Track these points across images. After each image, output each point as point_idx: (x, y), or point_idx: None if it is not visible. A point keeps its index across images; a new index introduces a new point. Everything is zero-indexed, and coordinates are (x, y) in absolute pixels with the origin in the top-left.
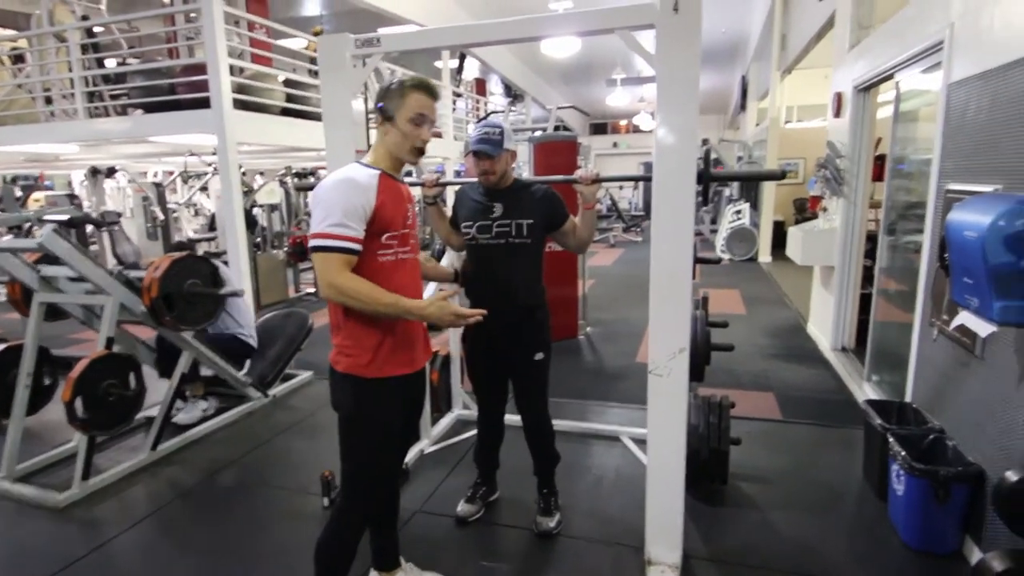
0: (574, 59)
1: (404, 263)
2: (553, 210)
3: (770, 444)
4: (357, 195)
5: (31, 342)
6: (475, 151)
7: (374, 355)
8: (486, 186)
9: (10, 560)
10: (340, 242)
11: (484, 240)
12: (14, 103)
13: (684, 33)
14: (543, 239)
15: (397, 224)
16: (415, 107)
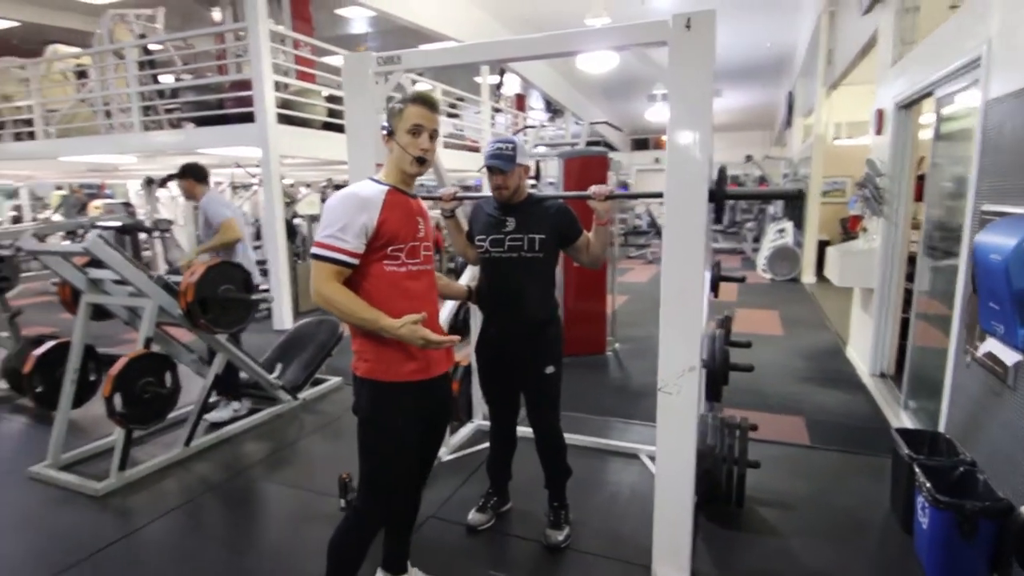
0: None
1: (416, 274)
2: (566, 225)
3: (794, 469)
4: (359, 210)
5: (78, 340)
6: (488, 166)
7: (390, 360)
8: (499, 200)
9: (50, 540)
10: (333, 253)
11: (497, 254)
12: (77, 116)
13: (696, 50)
14: (556, 253)
15: (404, 237)
16: (412, 118)
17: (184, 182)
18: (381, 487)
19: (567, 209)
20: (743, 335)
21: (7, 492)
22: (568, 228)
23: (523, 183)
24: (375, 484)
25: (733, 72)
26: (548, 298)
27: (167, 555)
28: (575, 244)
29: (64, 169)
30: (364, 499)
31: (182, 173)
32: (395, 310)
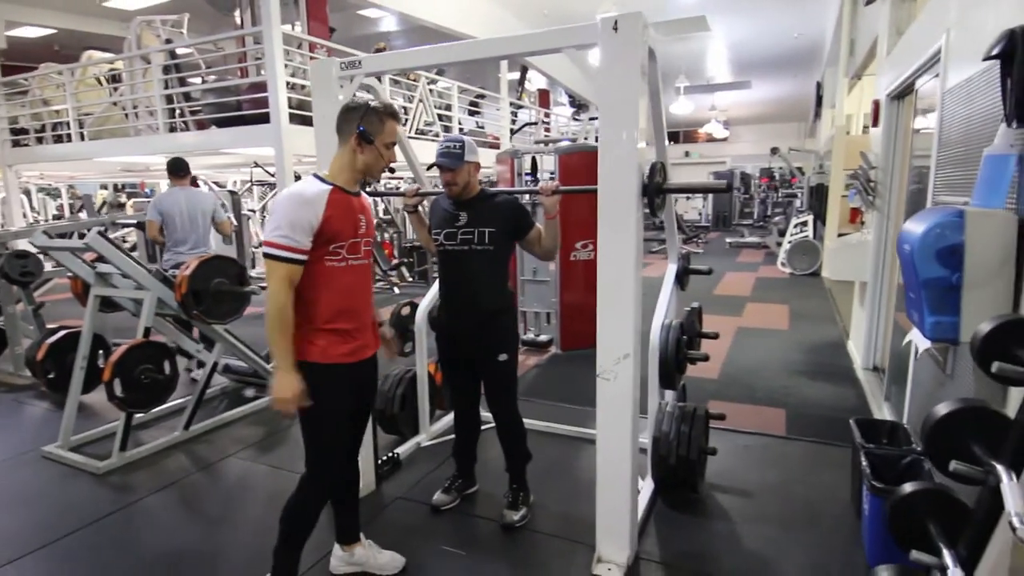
0: None
1: (354, 268)
2: (515, 219)
3: (763, 459)
4: (304, 209)
5: (87, 329)
6: (438, 164)
7: (325, 344)
8: (451, 196)
9: (55, 512)
10: (286, 252)
11: (450, 246)
12: (110, 119)
13: (624, 51)
14: (508, 246)
15: (346, 234)
16: (391, 135)
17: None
18: (320, 459)
19: (517, 204)
20: (752, 330)
21: (22, 470)
22: (518, 221)
23: (473, 179)
24: (315, 457)
25: (761, 63)
26: (500, 288)
27: (157, 527)
28: (527, 237)
29: (101, 169)
30: (308, 470)
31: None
32: (332, 305)
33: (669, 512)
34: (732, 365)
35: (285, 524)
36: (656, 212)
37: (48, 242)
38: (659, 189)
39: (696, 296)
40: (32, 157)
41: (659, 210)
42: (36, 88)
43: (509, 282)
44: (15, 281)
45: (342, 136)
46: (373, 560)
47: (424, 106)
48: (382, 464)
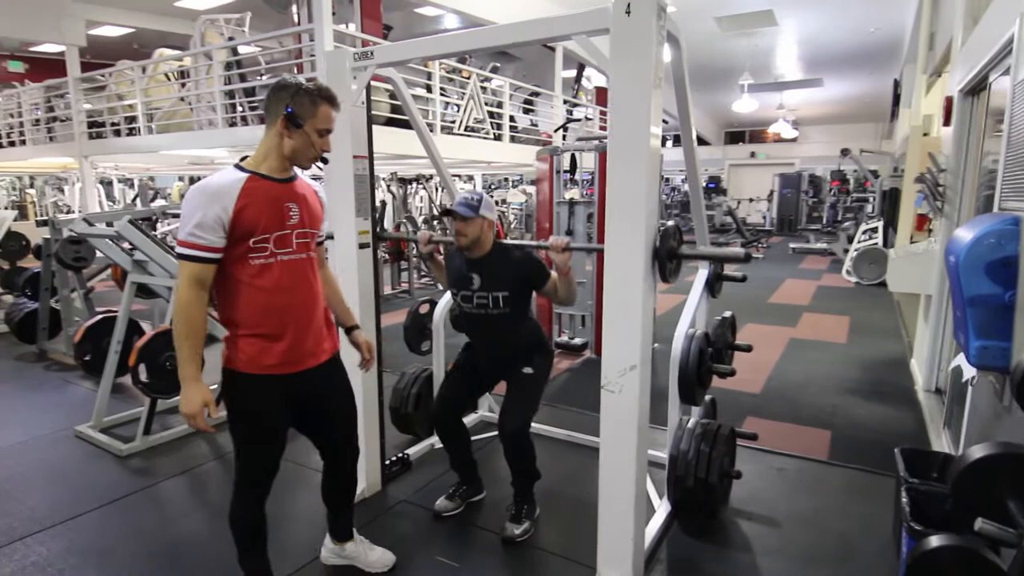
0: (700, 64)
1: (285, 264)
2: (530, 276)
3: (798, 485)
4: (210, 203)
5: (123, 314)
6: (451, 211)
7: (252, 352)
8: (461, 248)
9: (77, 490)
10: (192, 251)
11: (468, 308)
12: (176, 113)
13: (637, 36)
14: (525, 298)
15: (267, 226)
16: (325, 121)
17: None
18: (247, 472)
19: (530, 259)
20: (805, 342)
21: (55, 447)
22: (532, 279)
23: (485, 236)
24: (238, 469)
25: (834, 60)
26: (523, 335)
27: (167, 512)
28: (543, 289)
29: (169, 162)
30: (235, 480)
31: None
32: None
33: (684, 538)
34: (777, 379)
35: (233, 533)
36: (668, 278)
37: (87, 229)
38: (671, 254)
39: (747, 304)
40: (106, 149)
41: (671, 276)
42: (112, 84)
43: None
44: (69, 266)
45: (269, 118)
46: (363, 556)
47: (475, 104)
48: (390, 464)
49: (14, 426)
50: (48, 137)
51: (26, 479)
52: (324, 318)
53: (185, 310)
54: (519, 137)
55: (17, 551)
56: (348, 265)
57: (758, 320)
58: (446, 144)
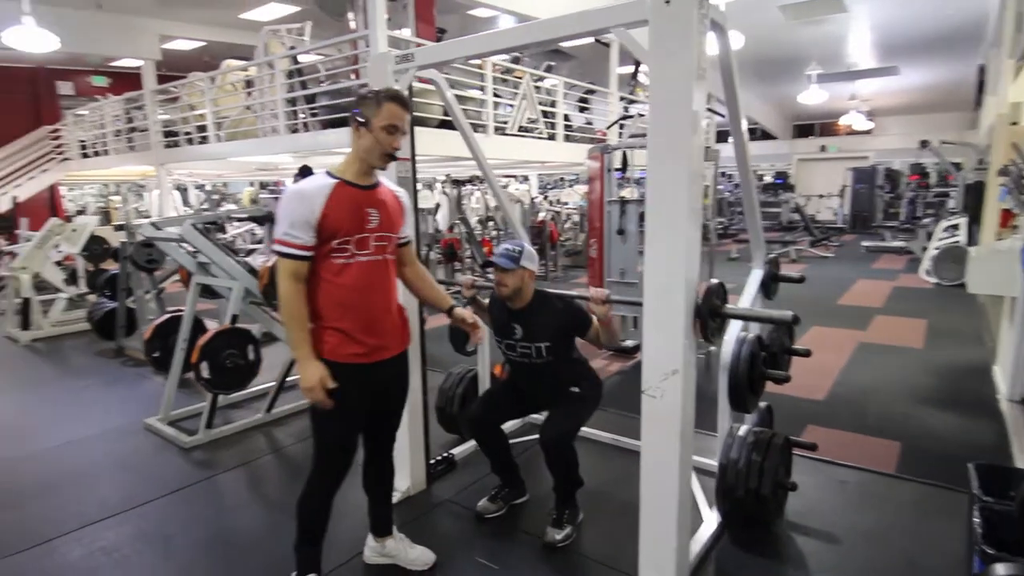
0: (763, 55)
1: (363, 265)
2: (571, 326)
3: (861, 499)
4: (302, 206)
5: (188, 314)
6: (492, 262)
7: (335, 343)
8: (502, 298)
9: (145, 478)
10: (287, 248)
11: (512, 356)
12: (243, 121)
13: (677, 26)
14: (567, 347)
15: (349, 229)
16: (389, 117)
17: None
18: (325, 454)
19: (573, 309)
20: (876, 346)
21: (126, 438)
22: (574, 328)
23: (526, 286)
24: (317, 451)
25: (911, 46)
26: (569, 374)
27: (227, 500)
28: (587, 335)
29: (238, 168)
30: (313, 464)
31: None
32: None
33: (735, 551)
34: (844, 385)
35: (298, 518)
36: (710, 338)
37: (154, 233)
38: (714, 312)
39: (812, 306)
40: (180, 157)
41: (715, 336)
42: (184, 95)
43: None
44: (142, 268)
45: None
46: (403, 554)
47: (528, 103)
48: (435, 464)
49: (92, 418)
50: (128, 146)
51: (99, 468)
52: (398, 315)
53: (288, 302)
54: (574, 136)
55: (87, 535)
56: None
57: (824, 323)
58: (499, 145)
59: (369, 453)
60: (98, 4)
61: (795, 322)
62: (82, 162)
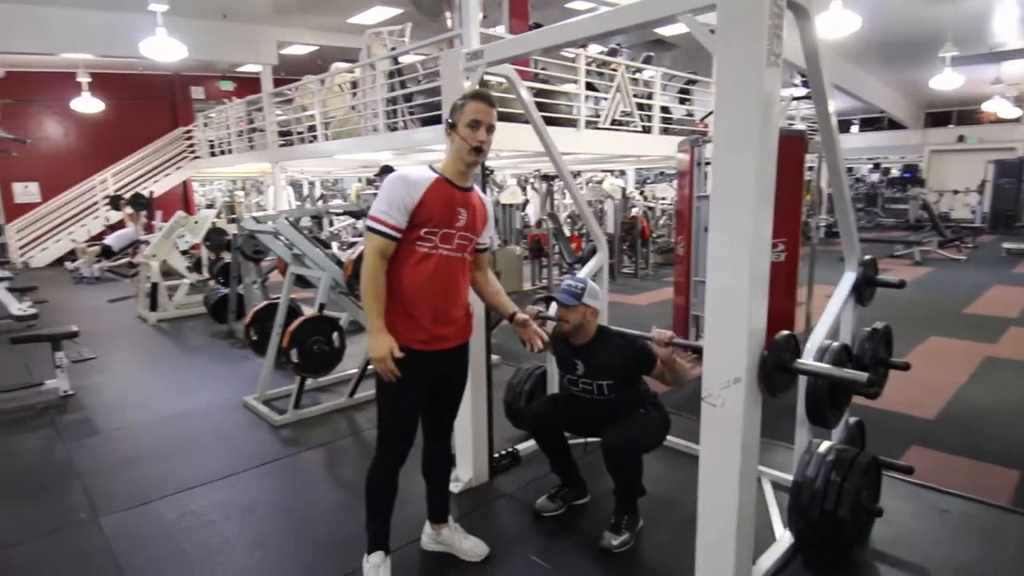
0: (890, 37)
1: (444, 258)
2: (634, 367)
3: (963, 531)
4: (404, 189)
5: (283, 301)
6: (554, 297)
7: (400, 328)
8: (563, 334)
9: (237, 451)
10: (379, 225)
11: (574, 391)
12: (348, 121)
13: (746, 7)
14: (631, 384)
15: (439, 222)
16: (471, 114)
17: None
18: (383, 432)
19: (635, 349)
20: (1006, 361)
21: (228, 414)
22: (638, 368)
23: (588, 323)
24: (380, 429)
25: None
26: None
27: (307, 476)
28: (651, 375)
29: (343, 165)
30: (377, 443)
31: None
32: (413, 287)
33: (807, 574)
34: (960, 404)
35: (366, 496)
36: (776, 393)
37: (255, 226)
38: (782, 367)
39: (933, 314)
40: (292, 155)
41: (781, 390)
42: (297, 96)
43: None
44: (249, 257)
45: None
46: (457, 543)
47: (622, 96)
48: (499, 458)
49: (198, 393)
50: (249, 146)
51: (200, 439)
52: (465, 311)
53: (371, 275)
54: (673, 128)
55: (181, 500)
56: None
57: (945, 333)
58: (590, 139)
59: (428, 440)
60: (223, 15)
61: (869, 385)
62: (209, 160)
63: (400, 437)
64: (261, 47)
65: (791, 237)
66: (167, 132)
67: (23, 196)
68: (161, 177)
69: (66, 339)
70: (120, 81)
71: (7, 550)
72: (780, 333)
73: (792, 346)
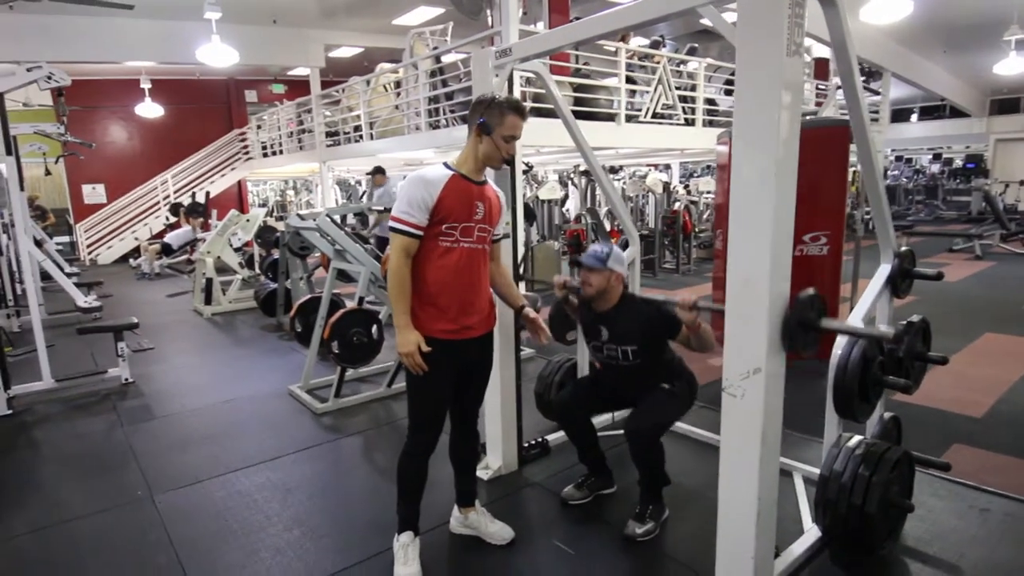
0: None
1: (465, 251)
2: (657, 330)
3: (1004, 531)
4: (423, 189)
5: (326, 295)
6: (579, 261)
7: (426, 317)
8: (585, 299)
9: (281, 437)
10: (403, 226)
11: (599, 357)
12: (392, 120)
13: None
14: (657, 349)
15: (458, 216)
16: (511, 128)
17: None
18: (414, 420)
19: (661, 314)
20: None
21: (273, 401)
22: (661, 331)
23: (612, 289)
24: (411, 417)
25: None
26: (661, 375)
27: (344, 462)
28: (677, 340)
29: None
30: (409, 429)
31: None
32: (438, 280)
33: (833, 570)
34: (1011, 403)
35: (397, 479)
36: (801, 351)
37: (299, 223)
38: (807, 325)
39: (990, 309)
40: (338, 154)
41: (806, 349)
42: (344, 98)
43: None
44: (295, 253)
45: (469, 127)
46: (484, 527)
47: (664, 88)
48: (529, 447)
49: (247, 382)
50: (298, 146)
51: (246, 425)
52: (487, 300)
53: (396, 274)
54: (718, 120)
55: (228, 481)
56: None
57: (1002, 329)
58: (631, 133)
59: (455, 427)
60: (273, 20)
61: (896, 341)
62: (262, 161)
63: (430, 425)
64: (309, 50)
65: (835, 230)
66: (223, 135)
67: (91, 197)
68: (217, 178)
69: (127, 330)
70: (179, 87)
71: (72, 523)
72: (804, 291)
73: (818, 305)
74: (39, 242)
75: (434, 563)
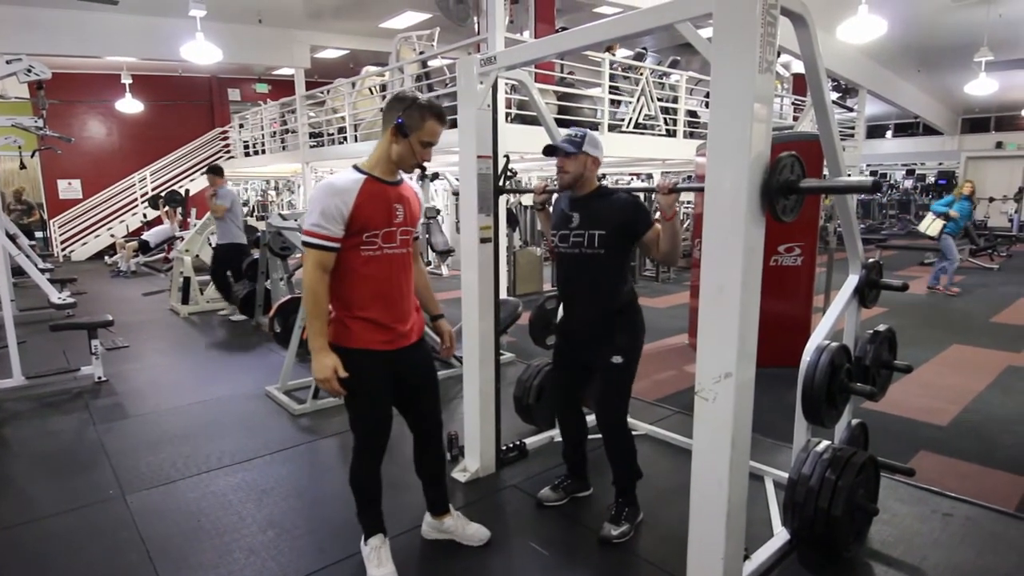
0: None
1: (390, 257)
2: (630, 219)
3: (965, 535)
4: (335, 197)
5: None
6: (554, 147)
7: (359, 330)
8: (562, 186)
9: (257, 438)
10: (316, 240)
11: (563, 249)
12: (377, 123)
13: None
14: (621, 248)
15: (378, 223)
16: (429, 134)
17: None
18: (360, 434)
19: (635, 203)
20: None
21: (249, 402)
22: (633, 223)
23: (589, 173)
24: (355, 431)
25: None
26: (616, 290)
27: (320, 463)
28: (644, 239)
29: None
30: (354, 443)
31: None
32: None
33: (801, 571)
34: (975, 412)
35: (352, 490)
36: (781, 216)
37: (280, 223)
38: (786, 188)
39: (959, 322)
40: (322, 156)
41: (787, 214)
42: (328, 99)
43: (628, 283)
44: (276, 254)
45: (384, 125)
46: (460, 530)
47: (646, 100)
48: (507, 450)
49: (223, 382)
50: (281, 146)
51: (222, 426)
52: (415, 306)
53: (312, 291)
54: (699, 132)
55: (203, 481)
56: (470, 258)
57: (969, 341)
58: (613, 142)
59: (417, 439)
60: (259, 19)
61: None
62: (244, 160)
63: (376, 437)
64: (295, 51)
65: (808, 242)
66: (204, 133)
67: (66, 192)
68: (197, 176)
69: (102, 328)
70: (161, 83)
71: (42, 521)
72: (784, 153)
73: (797, 166)
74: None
75: (407, 565)
